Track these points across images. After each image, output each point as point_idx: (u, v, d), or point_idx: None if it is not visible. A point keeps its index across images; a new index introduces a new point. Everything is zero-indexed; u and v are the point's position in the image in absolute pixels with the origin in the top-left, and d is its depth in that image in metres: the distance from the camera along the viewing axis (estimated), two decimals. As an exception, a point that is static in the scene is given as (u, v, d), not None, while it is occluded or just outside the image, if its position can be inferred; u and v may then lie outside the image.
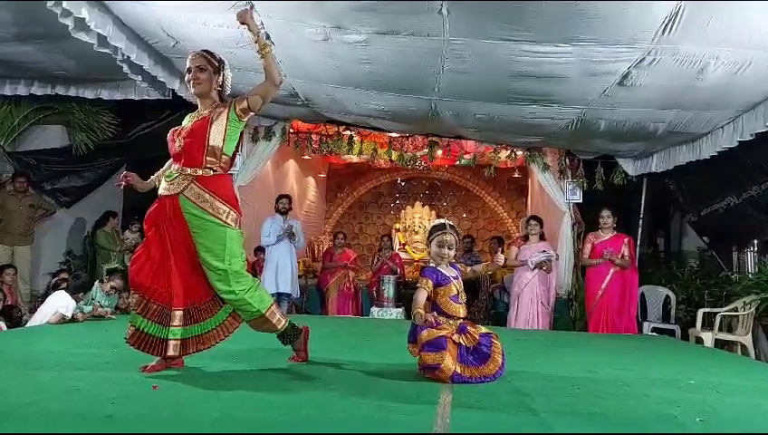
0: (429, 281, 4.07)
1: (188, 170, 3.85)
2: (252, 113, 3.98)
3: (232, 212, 3.88)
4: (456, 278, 4.16)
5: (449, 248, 4.16)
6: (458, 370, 3.83)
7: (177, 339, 3.78)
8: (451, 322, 4.03)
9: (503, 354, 3.98)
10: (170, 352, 3.76)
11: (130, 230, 9.48)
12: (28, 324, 6.48)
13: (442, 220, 4.33)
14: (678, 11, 4.59)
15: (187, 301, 3.85)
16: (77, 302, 6.59)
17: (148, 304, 3.80)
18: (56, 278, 7.67)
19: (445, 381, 3.77)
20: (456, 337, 3.93)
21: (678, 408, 3.38)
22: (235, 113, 3.91)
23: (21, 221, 8.61)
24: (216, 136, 3.87)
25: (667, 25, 4.81)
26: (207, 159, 3.87)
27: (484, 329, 4.09)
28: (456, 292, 4.11)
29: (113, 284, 7.10)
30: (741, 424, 3.18)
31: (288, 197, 9.37)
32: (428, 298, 4.07)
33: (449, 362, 3.80)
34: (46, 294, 7.07)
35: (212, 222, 3.80)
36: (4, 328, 6.21)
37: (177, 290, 3.81)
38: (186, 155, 3.87)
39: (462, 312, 4.11)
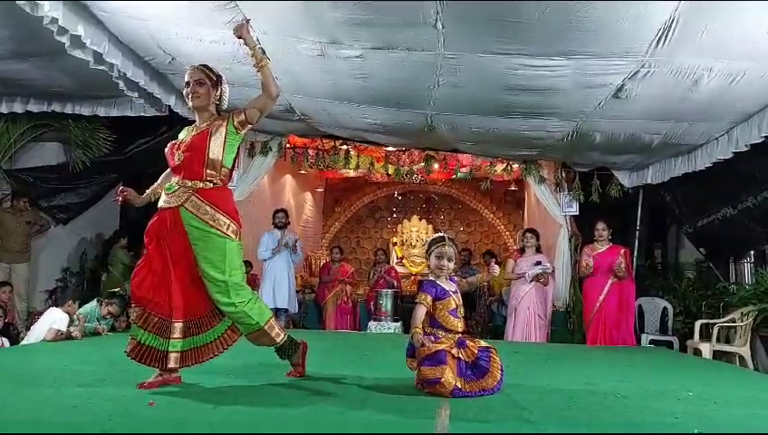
0: (428, 296, 4.06)
1: (189, 183, 3.87)
2: (250, 126, 4.01)
3: (232, 224, 3.90)
4: (455, 292, 4.16)
5: (449, 260, 4.17)
6: (459, 384, 3.82)
7: (178, 351, 3.79)
8: (450, 335, 4.02)
9: (501, 369, 3.98)
10: (171, 364, 3.76)
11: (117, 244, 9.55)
12: (23, 342, 6.47)
13: (441, 233, 4.34)
14: (672, 23, 4.62)
15: (187, 313, 3.85)
16: (71, 314, 6.57)
17: (149, 316, 3.81)
18: (55, 297, 7.69)
19: (445, 395, 3.76)
20: (455, 351, 3.93)
21: (676, 419, 3.38)
22: (234, 126, 3.94)
23: (19, 239, 8.58)
24: (215, 149, 3.91)
25: (660, 38, 4.84)
26: (207, 171, 3.89)
27: (483, 343, 4.10)
28: (454, 306, 4.10)
29: (110, 309, 7.09)
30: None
31: (284, 211, 9.38)
32: (427, 312, 4.07)
33: (450, 377, 3.80)
34: (44, 312, 7.06)
35: (213, 233, 3.81)
36: (7, 344, 6.21)
37: (177, 302, 3.81)
38: (185, 168, 3.90)
39: (460, 326, 4.11)
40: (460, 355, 3.93)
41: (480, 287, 10.26)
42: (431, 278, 4.22)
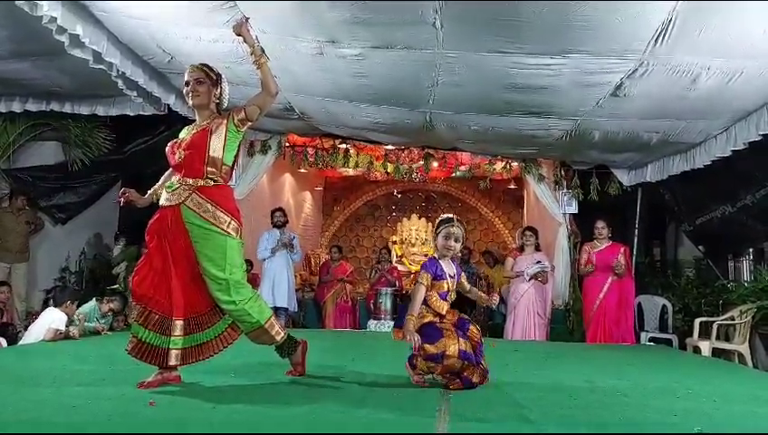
0: (429, 276, 4.10)
1: (189, 181, 3.87)
2: (250, 123, 4.02)
3: (233, 222, 3.90)
4: (452, 277, 4.18)
5: (456, 241, 4.19)
6: (463, 347, 3.87)
7: (179, 348, 3.79)
8: (431, 311, 4.08)
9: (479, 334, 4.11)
10: (172, 362, 3.76)
11: (117, 244, 9.54)
12: (21, 342, 6.45)
13: (449, 214, 4.36)
14: (670, 21, 4.62)
15: (188, 311, 3.85)
16: (69, 315, 6.57)
17: (150, 314, 3.81)
18: (54, 294, 7.69)
19: (454, 366, 3.83)
20: (438, 323, 4.02)
21: (676, 417, 3.39)
22: (234, 124, 3.95)
23: (18, 238, 8.57)
24: (216, 147, 3.91)
25: (659, 36, 4.84)
26: (208, 169, 3.89)
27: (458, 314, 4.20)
28: (446, 289, 4.13)
29: (112, 305, 7.09)
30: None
31: (282, 210, 9.38)
32: None
33: (452, 347, 3.85)
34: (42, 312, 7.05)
35: (213, 231, 3.81)
36: (5, 344, 6.21)
37: (177, 300, 3.81)
38: (186, 166, 3.90)
39: (445, 310, 4.14)
40: (446, 321, 4.05)
41: (479, 286, 10.25)
42: (435, 256, 4.24)
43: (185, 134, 4.05)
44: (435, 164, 10.84)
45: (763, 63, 5.27)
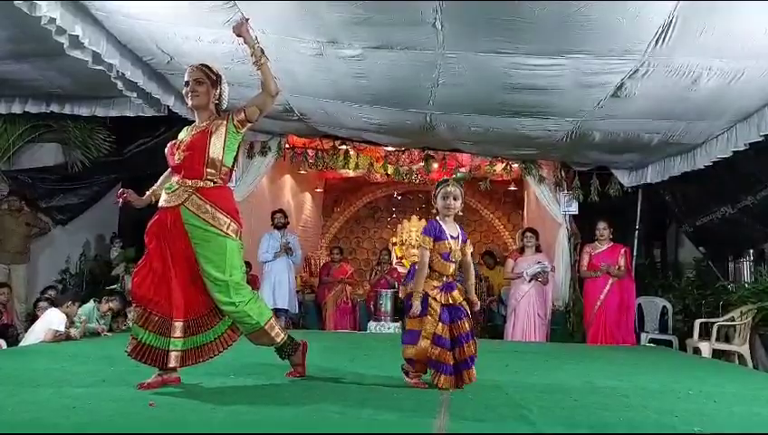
0: (430, 238, 4.12)
1: (189, 182, 3.87)
2: (249, 124, 4.01)
3: (232, 223, 3.89)
4: (454, 238, 4.18)
5: (455, 199, 4.22)
6: (438, 332, 3.92)
7: (179, 350, 3.79)
8: (436, 275, 4.11)
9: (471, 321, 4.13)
10: (172, 364, 3.76)
11: (113, 246, 9.55)
12: (21, 344, 6.45)
13: (445, 177, 4.39)
14: (671, 22, 4.62)
15: (188, 313, 3.85)
16: (70, 315, 6.56)
17: (150, 315, 3.80)
18: (55, 293, 7.69)
19: (428, 353, 3.91)
20: (439, 296, 4.03)
21: (676, 418, 3.39)
22: (234, 125, 3.94)
23: (17, 240, 8.58)
24: (215, 148, 3.90)
25: (659, 37, 4.84)
26: (208, 170, 3.89)
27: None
28: (448, 250, 4.13)
29: (111, 305, 7.09)
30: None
31: (282, 211, 9.41)
32: None
33: (429, 328, 3.93)
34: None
35: (213, 233, 3.81)
36: (4, 346, 6.20)
37: (177, 302, 3.81)
38: (186, 167, 3.89)
39: (450, 270, 4.16)
40: (441, 299, 4.03)
41: (479, 287, 10.24)
42: (436, 218, 4.26)
43: (184, 135, 4.04)
44: (435, 165, 10.80)
45: (764, 64, 5.27)
